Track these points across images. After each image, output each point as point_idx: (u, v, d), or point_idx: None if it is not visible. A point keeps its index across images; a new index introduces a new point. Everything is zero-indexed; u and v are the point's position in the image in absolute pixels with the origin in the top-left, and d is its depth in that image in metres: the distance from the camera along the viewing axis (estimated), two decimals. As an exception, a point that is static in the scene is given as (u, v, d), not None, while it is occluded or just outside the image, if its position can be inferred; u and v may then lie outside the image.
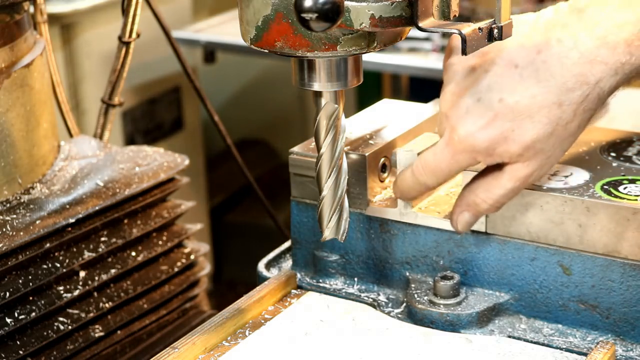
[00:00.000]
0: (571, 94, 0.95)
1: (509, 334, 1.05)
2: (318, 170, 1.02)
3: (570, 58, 0.95)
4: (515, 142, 0.97)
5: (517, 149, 0.97)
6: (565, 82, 0.95)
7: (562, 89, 0.95)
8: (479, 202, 1.02)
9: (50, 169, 1.37)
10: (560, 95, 0.95)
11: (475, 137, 0.98)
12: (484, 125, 0.97)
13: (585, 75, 0.95)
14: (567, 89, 0.95)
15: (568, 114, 0.96)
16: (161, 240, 1.41)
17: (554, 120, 0.96)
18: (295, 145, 1.18)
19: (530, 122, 0.96)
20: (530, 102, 0.96)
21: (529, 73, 0.96)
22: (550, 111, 0.96)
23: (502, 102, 0.96)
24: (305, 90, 1.46)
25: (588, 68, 0.95)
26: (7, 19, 1.30)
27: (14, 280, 1.21)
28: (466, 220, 1.04)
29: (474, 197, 1.02)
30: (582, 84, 0.95)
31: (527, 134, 0.97)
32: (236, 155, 1.76)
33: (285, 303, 1.14)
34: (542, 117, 0.96)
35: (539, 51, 0.96)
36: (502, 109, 0.97)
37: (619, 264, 1.01)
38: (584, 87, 0.95)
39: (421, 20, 0.91)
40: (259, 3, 0.94)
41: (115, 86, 1.54)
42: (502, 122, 0.97)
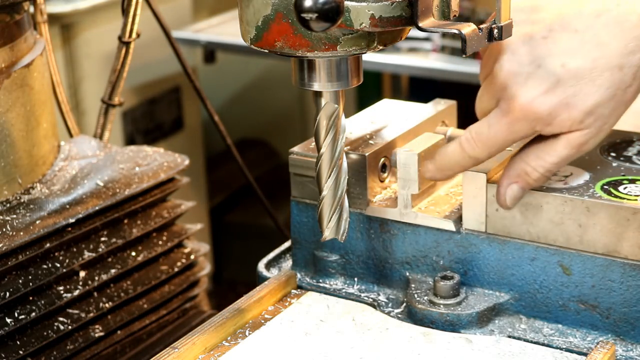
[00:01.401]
0: (632, 56, 0.95)
1: (509, 334, 1.05)
2: (318, 170, 1.02)
3: (630, 21, 0.95)
4: (577, 107, 0.96)
5: (578, 114, 0.96)
6: (627, 45, 0.95)
7: (623, 52, 0.95)
8: (529, 170, 1.00)
9: (50, 169, 1.38)
10: (621, 58, 0.95)
11: (538, 103, 0.96)
12: (546, 91, 0.96)
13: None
14: (629, 51, 0.95)
15: (629, 76, 0.96)
16: (161, 240, 1.41)
17: (615, 84, 0.96)
18: (295, 145, 1.18)
19: (592, 86, 0.96)
20: (593, 66, 0.95)
21: (590, 37, 0.96)
22: (612, 74, 0.96)
23: (565, 66, 0.96)
24: (305, 90, 1.46)
25: None
26: (7, 19, 1.30)
27: (14, 280, 1.21)
28: (515, 194, 1.02)
29: (525, 165, 1.00)
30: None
31: (589, 99, 0.96)
32: (236, 155, 1.76)
33: (285, 303, 1.14)
34: (604, 81, 0.96)
35: (599, 15, 0.96)
36: (565, 74, 0.96)
37: (619, 264, 1.01)
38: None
39: (421, 20, 0.91)
40: (259, 3, 0.94)
41: (115, 86, 1.54)
42: (565, 87, 0.96)
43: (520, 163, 1.01)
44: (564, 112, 0.96)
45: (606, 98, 0.96)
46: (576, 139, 0.98)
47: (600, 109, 0.96)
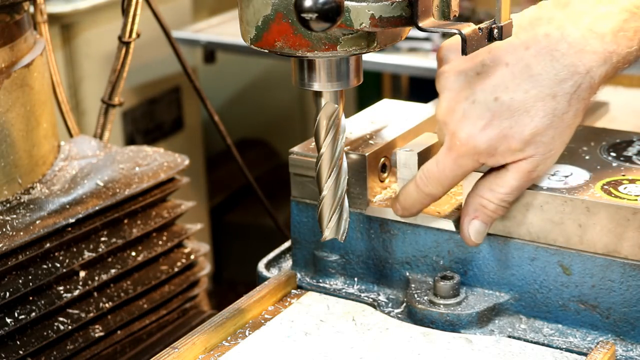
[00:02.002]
0: (563, 84, 0.97)
1: (509, 334, 1.05)
2: (318, 170, 1.02)
3: (559, 50, 0.97)
4: (515, 138, 0.98)
5: (517, 144, 0.98)
6: (557, 74, 0.97)
7: (554, 81, 0.97)
8: (485, 203, 1.02)
9: (50, 169, 1.37)
10: (553, 87, 0.97)
11: (476, 138, 0.99)
12: (483, 126, 0.98)
13: (575, 65, 0.97)
14: (559, 80, 0.97)
15: (562, 104, 0.98)
16: (161, 240, 1.41)
17: (549, 112, 0.98)
18: (295, 145, 1.18)
19: (527, 116, 0.98)
20: (525, 97, 0.97)
21: (520, 69, 0.98)
22: (545, 104, 0.97)
23: (498, 100, 0.98)
24: (305, 90, 1.46)
25: (578, 58, 0.97)
26: (7, 19, 1.30)
27: (14, 280, 1.21)
28: (477, 229, 1.04)
29: (480, 199, 1.03)
30: (573, 73, 0.97)
31: (525, 129, 0.98)
32: (236, 155, 1.76)
33: (285, 303, 1.14)
34: (538, 111, 0.98)
35: (527, 47, 0.98)
36: (498, 108, 0.98)
37: (619, 264, 1.01)
38: (575, 77, 0.97)
39: (421, 20, 0.91)
40: (259, 3, 0.94)
41: (115, 86, 1.54)
42: (500, 120, 0.98)
43: (476, 197, 1.03)
44: (503, 143, 0.99)
45: (543, 127, 0.98)
46: (523, 168, 1.00)
47: (539, 137, 0.99)
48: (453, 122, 1.00)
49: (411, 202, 1.06)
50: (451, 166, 1.01)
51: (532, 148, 0.99)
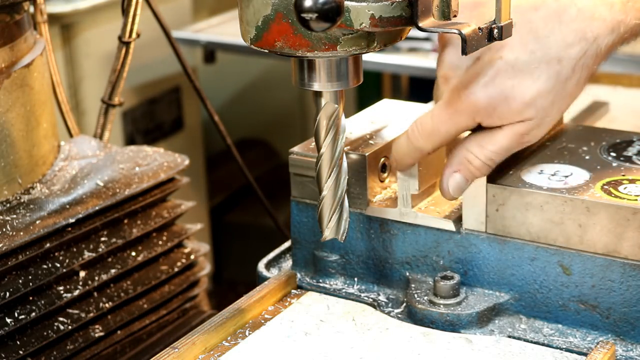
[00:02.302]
0: (570, 49, 0.96)
1: (509, 334, 1.05)
2: (318, 170, 1.02)
3: (568, 14, 0.96)
4: (516, 99, 0.97)
5: (517, 106, 0.97)
6: (564, 38, 0.96)
7: (561, 45, 0.96)
8: (471, 158, 1.00)
9: (50, 169, 1.38)
10: (559, 51, 0.96)
11: (477, 95, 0.97)
12: (485, 83, 0.97)
13: (583, 31, 0.96)
14: (566, 44, 0.96)
15: (567, 69, 0.97)
16: (161, 240, 1.41)
17: (553, 76, 0.97)
18: (295, 145, 1.18)
19: (530, 78, 0.96)
20: (530, 58, 0.96)
21: (528, 30, 0.97)
22: (549, 67, 0.96)
23: (502, 59, 0.97)
24: (305, 90, 1.46)
25: (586, 24, 0.96)
26: (7, 19, 1.30)
27: (14, 280, 1.21)
28: (457, 184, 1.02)
29: (467, 152, 1.01)
30: (580, 39, 0.96)
31: (527, 90, 0.97)
32: (236, 155, 1.76)
33: (285, 303, 1.14)
34: (542, 73, 0.96)
35: (537, 9, 0.97)
36: (503, 66, 0.97)
37: (619, 264, 1.01)
38: (582, 43, 0.96)
39: (421, 20, 0.91)
40: (259, 3, 0.94)
41: (115, 86, 1.54)
42: (503, 79, 0.97)
43: (462, 150, 1.01)
44: (503, 103, 0.97)
45: (545, 90, 0.97)
46: (517, 130, 0.99)
47: (540, 101, 0.97)
48: (455, 78, 0.99)
49: (401, 155, 1.05)
50: (446, 121, 0.99)
51: (531, 111, 0.98)
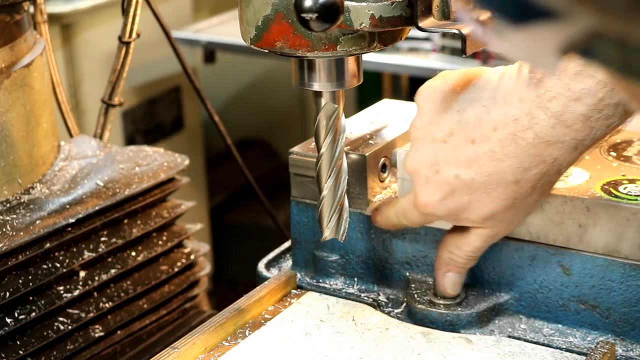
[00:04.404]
0: (528, 172, 0.94)
1: (509, 334, 1.05)
2: (318, 170, 1.02)
3: (525, 139, 0.92)
4: (474, 213, 0.98)
5: (477, 218, 0.99)
6: (522, 162, 0.94)
7: (518, 169, 0.94)
8: (454, 257, 1.04)
9: (50, 169, 1.37)
10: (516, 175, 0.94)
11: (435, 207, 0.99)
12: (442, 198, 0.98)
13: (541, 155, 0.93)
14: (524, 168, 0.94)
15: (526, 190, 0.95)
16: (161, 240, 1.41)
17: (511, 196, 0.96)
18: (295, 145, 1.18)
19: (487, 196, 0.96)
20: (486, 180, 0.95)
21: (485, 151, 0.95)
22: (506, 188, 0.95)
23: (458, 177, 0.97)
24: (305, 90, 1.46)
25: (543, 148, 0.92)
26: (7, 19, 1.30)
27: (14, 280, 1.21)
28: (452, 280, 1.06)
29: (449, 254, 1.04)
30: (538, 163, 0.93)
31: (485, 208, 0.97)
32: (236, 155, 1.76)
33: (285, 303, 1.14)
34: (499, 193, 0.96)
35: (495, 128, 0.94)
36: (459, 184, 0.97)
37: (619, 264, 1.01)
38: (540, 166, 0.94)
39: (421, 20, 0.91)
40: (259, 3, 0.94)
41: (115, 86, 1.54)
42: (460, 195, 0.97)
43: (445, 252, 1.05)
44: (463, 214, 0.99)
45: (503, 208, 0.97)
46: (484, 233, 1.01)
47: (499, 216, 0.98)
48: (417, 185, 1.00)
49: (388, 224, 1.08)
50: (418, 217, 1.03)
51: (491, 222, 0.99)
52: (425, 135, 0.99)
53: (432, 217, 1.02)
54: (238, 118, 3.55)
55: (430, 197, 0.99)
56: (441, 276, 1.06)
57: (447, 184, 0.97)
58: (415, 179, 1.00)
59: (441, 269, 1.06)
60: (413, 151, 1.01)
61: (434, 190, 0.98)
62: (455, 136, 0.97)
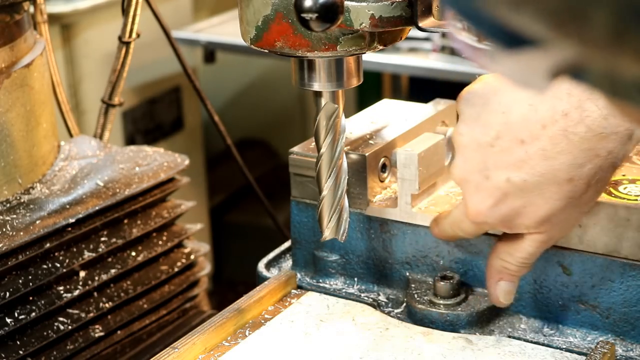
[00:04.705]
0: (582, 169, 0.91)
1: (509, 334, 1.05)
2: (318, 170, 1.02)
3: (577, 134, 0.89)
4: (529, 217, 0.94)
5: (531, 223, 0.95)
6: (575, 159, 0.90)
7: (571, 166, 0.90)
8: (507, 265, 1.00)
9: (50, 169, 1.38)
10: (570, 172, 0.91)
11: (487, 215, 0.95)
12: (493, 204, 0.94)
13: (594, 149, 0.90)
14: (577, 164, 0.90)
15: (580, 187, 0.92)
16: (161, 240, 1.41)
17: (566, 195, 0.92)
18: (295, 145, 1.18)
19: (541, 198, 0.92)
20: (539, 180, 0.92)
21: (535, 150, 0.91)
22: (560, 187, 0.92)
23: (509, 181, 0.93)
24: (305, 90, 1.46)
25: (597, 141, 0.89)
26: (7, 19, 1.30)
27: (14, 280, 1.21)
28: (505, 289, 1.02)
29: (501, 262, 1.00)
30: (592, 157, 0.90)
31: (539, 210, 0.93)
32: (236, 155, 1.76)
33: (285, 303, 1.14)
34: (553, 194, 0.92)
35: (544, 126, 0.91)
36: (510, 189, 0.93)
37: (619, 264, 1.01)
38: (595, 161, 0.90)
39: (421, 20, 0.91)
40: (259, 3, 0.94)
41: (115, 86, 1.54)
42: (512, 199, 0.93)
43: (497, 260, 1.01)
44: (517, 219, 0.95)
45: (558, 208, 0.93)
46: (538, 238, 0.97)
47: (555, 218, 0.94)
48: (466, 194, 0.96)
49: (445, 237, 1.05)
50: (472, 228, 0.99)
51: (547, 226, 0.95)
52: (471, 141, 0.95)
53: (485, 226, 0.98)
54: (238, 118, 3.55)
55: (481, 204, 0.95)
56: (493, 285, 1.02)
57: (498, 189, 0.93)
58: (465, 187, 0.96)
59: (493, 278, 1.01)
60: (459, 159, 0.96)
61: (485, 197, 0.94)
62: (502, 139, 0.93)
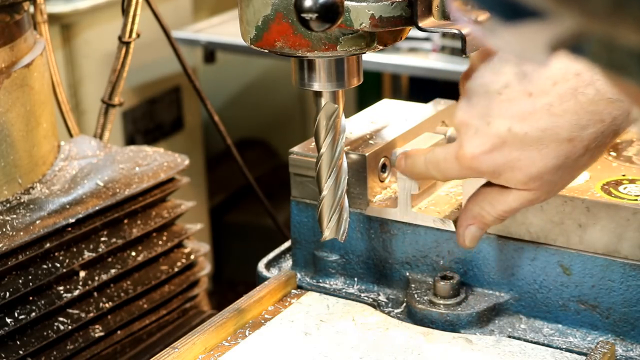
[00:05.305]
0: (584, 131, 0.91)
1: (509, 334, 1.05)
2: (318, 170, 1.02)
3: (585, 95, 0.90)
4: (522, 171, 0.94)
5: (522, 177, 0.95)
6: (579, 119, 0.91)
7: (575, 126, 0.91)
8: (484, 214, 1.00)
9: (50, 169, 1.38)
10: (572, 132, 0.91)
11: (481, 160, 0.95)
12: (489, 150, 0.94)
13: (600, 113, 0.90)
14: (580, 126, 0.91)
15: (579, 149, 0.92)
16: (161, 240, 1.41)
17: (563, 155, 0.92)
18: (295, 145, 1.18)
19: (538, 153, 0.93)
20: (540, 135, 0.92)
21: (542, 104, 0.92)
22: (560, 145, 0.92)
23: (511, 131, 0.93)
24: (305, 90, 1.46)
25: (604, 106, 0.90)
26: (7, 19, 1.30)
27: (14, 280, 1.21)
28: (473, 234, 1.02)
29: (480, 209, 1.00)
30: (596, 121, 0.91)
31: (533, 166, 0.93)
32: (236, 155, 1.76)
33: (285, 303, 1.14)
34: (551, 151, 0.92)
35: (555, 82, 0.91)
36: (511, 138, 0.93)
37: (619, 264, 1.01)
38: (598, 125, 0.91)
39: (421, 20, 0.91)
40: (259, 3, 0.94)
41: (115, 86, 1.54)
42: (510, 150, 0.93)
43: (476, 206, 1.00)
44: (508, 172, 0.95)
45: (553, 167, 0.93)
46: (525, 196, 0.97)
47: (547, 176, 0.94)
48: (464, 136, 0.96)
49: (415, 172, 1.04)
50: (455, 170, 0.99)
51: (537, 184, 0.95)
52: (480, 86, 0.95)
53: (472, 172, 0.97)
54: (238, 118, 3.55)
55: (477, 148, 0.94)
56: (463, 227, 1.02)
57: (498, 137, 0.93)
58: (463, 130, 0.96)
59: (466, 221, 1.01)
60: (464, 103, 0.96)
61: (483, 142, 0.94)
62: (511, 88, 0.93)
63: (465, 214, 1.02)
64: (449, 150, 0.99)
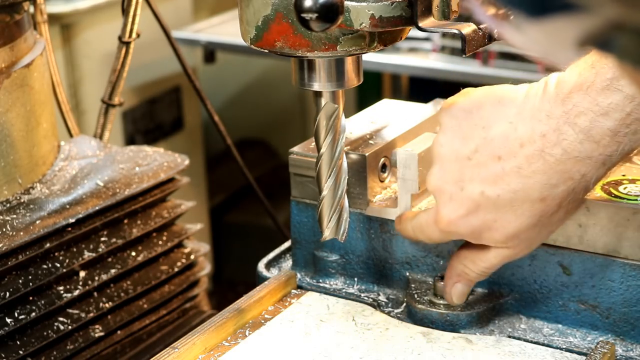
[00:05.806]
0: (555, 189, 0.93)
1: (509, 334, 1.05)
2: (318, 170, 1.02)
3: (553, 155, 0.91)
4: (499, 231, 0.97)
5: (500, 237, 0.97)
6: (549, 179, 0.93)
7: (545, 185, 0.93)
8: (468, 272, 1.03)
9: (50, 169, 1.38)
10: (543, 192, 0.93)
11: (458, 224, 0.98)
12: (465, 214, 0.97)
13: (569, 171, 0.92)
14: (551, 185, 0.93)
15: (552, 207, 0.95)
16: (161, 240, 1.41)
17: (537, 214, 0.95)
18: (295, 145, 1.18)
19: (512, 214, 0.95)
20: (512, 197, 0.94)
21: (511, 167, 0.94)
22: (532, 205, 0.94)
23: (483, 194, 0.95)
24: (305, 90, 1.46)
25: (571, 164, 0.91)
26: (7, 19, 1.30)
27: (14, 280, 1.21)
28: (460, 291, 1.05)
29: (463, 267, 1.03)
30: (566, 179, 0.93)
31: (509, 226, 0.96)
32: (236, 155, 1.76)
33: (285, 303, 1.14)
34: (525, 211, 0.95)
35: (522, 145, 0.93)
36: (484, 201, 0.96)
37: (619, 264, 1.01)
38: (568, 183, 0.93)
39: (421, 20, 0.92)
40: (259, 3, 0.94)
41: (115, 86, 1.54)
42: (484, 212, 0.96)
43: (459, 265, 1.04)
44: (486, 233, 0.97)
45: (528, 225, 0.96)
46: (504, 253, 1.00)
47: (524, 235, 0.97)
48: (440, 202, 0.99)
49: (405, 235, 1.07)
50: (436, 234, 1.02)
51: (514, 242, 0.97)
52: (450, 152, 0.97)
53: (452, 235, 1.01)
54: (238, 118, 3.55)
55: (453, 214, 0.97)
56: (450, 285, 1.05)
57: (472, 201, 0.96)
58: (439, 196, 0.99)
59: (452, 279, 1.05)
60: (437, 169, 0.99)
61: (458, 207, 0.97)
62: (480, 153, 0.95)
63: (450, 271, 1.06)
64: (429, 216, 1.02)
